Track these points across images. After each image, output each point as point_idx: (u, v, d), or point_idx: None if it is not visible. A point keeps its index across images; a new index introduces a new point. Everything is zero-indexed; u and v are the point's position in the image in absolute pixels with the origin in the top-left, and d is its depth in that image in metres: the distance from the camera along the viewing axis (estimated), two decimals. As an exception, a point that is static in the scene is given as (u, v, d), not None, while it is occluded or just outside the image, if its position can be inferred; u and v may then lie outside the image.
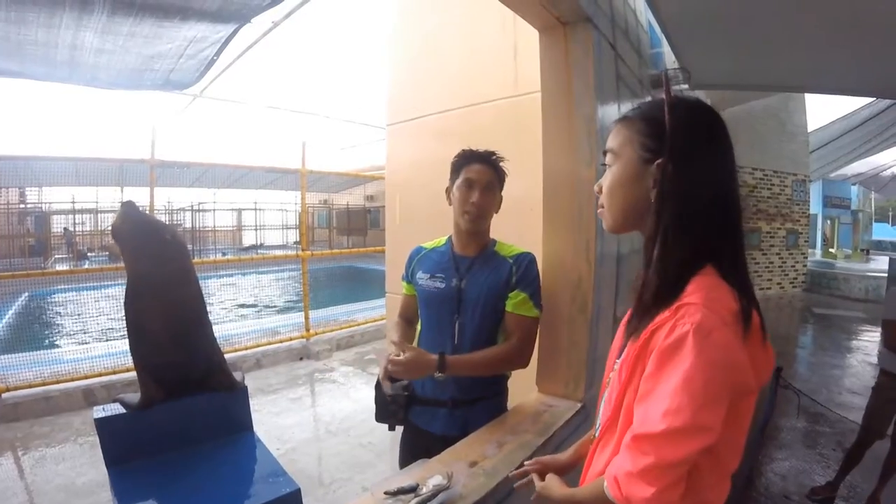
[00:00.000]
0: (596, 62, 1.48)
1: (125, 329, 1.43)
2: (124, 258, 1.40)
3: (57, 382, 3.53)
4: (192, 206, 13.91)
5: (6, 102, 9.38)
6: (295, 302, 8.06)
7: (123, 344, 1.44)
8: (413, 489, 0.91)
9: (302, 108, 7.94)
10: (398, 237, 2.73)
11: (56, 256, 10.65)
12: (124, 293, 1.41)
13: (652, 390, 0.59)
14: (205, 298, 1.59)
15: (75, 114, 9.72)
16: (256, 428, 1.66)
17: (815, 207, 13.37)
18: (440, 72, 2.50)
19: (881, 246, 19.69)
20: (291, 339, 4.96)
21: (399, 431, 1.39)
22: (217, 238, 15.07)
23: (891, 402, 2.26)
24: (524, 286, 1.28)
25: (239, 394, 1.62)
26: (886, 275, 2.58)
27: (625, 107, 1.71)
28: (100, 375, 3.69)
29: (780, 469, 2.71)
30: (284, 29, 3.78)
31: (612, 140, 0.74)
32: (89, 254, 11.56)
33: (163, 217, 11.54)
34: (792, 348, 5.49)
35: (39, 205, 9.47)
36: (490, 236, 1.38)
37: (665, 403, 0.56)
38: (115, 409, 1.41)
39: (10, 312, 5.81)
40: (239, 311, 7.87)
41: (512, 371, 1.36)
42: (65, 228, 12.26)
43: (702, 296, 0.60)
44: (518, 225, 1.63)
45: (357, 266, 12.42)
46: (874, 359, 4.66)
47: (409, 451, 1.36)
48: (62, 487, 2.46)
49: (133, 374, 1.47)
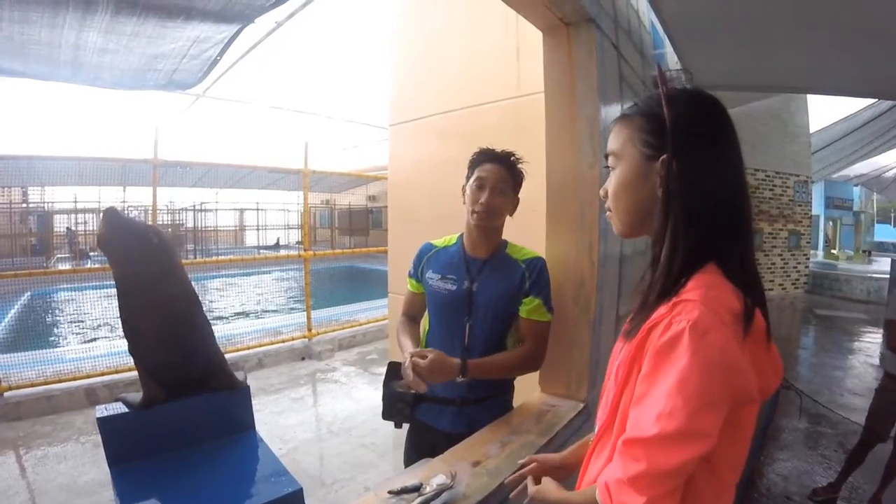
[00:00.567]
0: (599, 63, 1.48)
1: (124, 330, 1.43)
2: (112, 264, 1.39)
3: (59, 381, 3.53)
4: (195, 206, 13.97)
5: (9, 102, 9.44)
6: (297, 302, 8.06)
7: (125, 343, 1.44)
8: (417, 488, 0.91)
9: (304, 109, 7.95)
10: (400, 237, 2.73)
11: (58, 256, 10.67)
12: (116, 297, 1.40)
13: (647, 392, 0.56)
14: (199, 299, 1.57)
15: (78, 114, 9.77)
16: (258, 428, 1.66)
17: (817, 208, 13.37)
18: (443, 72, 2.50)
19: (883, 247, 19.63)
20: (293, 339, 4.96)
21: (403, 430, 1.38)
22: (219, 238, 15.09)
23: (894, 405, 2.26)
24: (537, 292, 1.27)
25: (241, 393, 1.62)
26: (888, 276, 2.56)
27: (628, 108, 1.70)
28: (102, 375, 3.69)
29: (782, 470, 2.70)
30: (287, 29, 3.79)
31: (613, 141, 0.71)
32: (91, 253, 11.57)
33: (162, 217, 11.59)
34: (794, 349, 5.49)
35: (42, 204, 9.49)
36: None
37: (658, 406, 0.53)
38: (118, 409, 1.41)
39: (13, 311, 5.81)
40: (241, 311, 7.87)
41: (526, 374, 1.36)
42: (67, 228, 12.27)
43: (701, 293, 0.57)
44: (521, 226, 1.63)
45: (359, 266, 12.40)
46: (876, 360, 4.67)
47: (414, 448, 1.36)
48: (64, 487, 2.46)
49: (135, 374, 1.47)
